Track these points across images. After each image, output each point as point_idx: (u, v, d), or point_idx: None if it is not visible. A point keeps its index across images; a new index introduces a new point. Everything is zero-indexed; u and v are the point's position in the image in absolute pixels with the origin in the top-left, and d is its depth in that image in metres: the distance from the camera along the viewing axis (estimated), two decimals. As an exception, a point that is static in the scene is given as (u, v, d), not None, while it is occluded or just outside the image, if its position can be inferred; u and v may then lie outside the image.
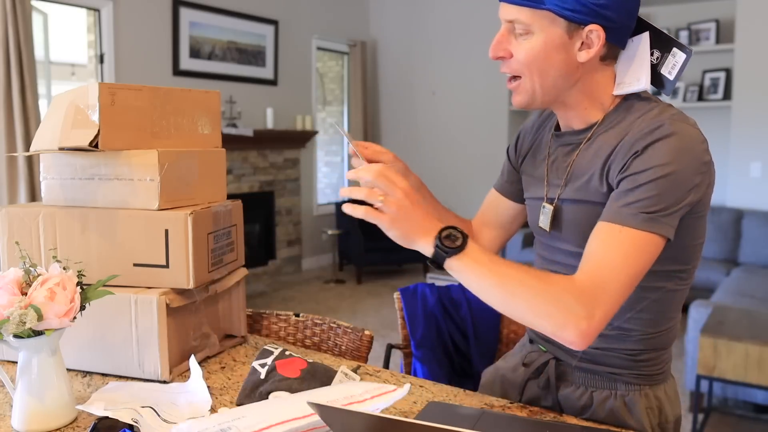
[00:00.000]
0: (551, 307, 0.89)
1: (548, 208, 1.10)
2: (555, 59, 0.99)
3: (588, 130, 1.06)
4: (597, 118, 1.05)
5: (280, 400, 1.03)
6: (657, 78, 1.04)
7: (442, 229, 0.90)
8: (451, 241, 0.89)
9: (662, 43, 1.04)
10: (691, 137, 0.94)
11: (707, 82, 5.17)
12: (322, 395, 0.98)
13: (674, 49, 1.03)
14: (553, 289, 0.90)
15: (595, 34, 0.97)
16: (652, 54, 1.04)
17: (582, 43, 0.98)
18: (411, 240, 0.91)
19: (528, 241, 5.41)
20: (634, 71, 1.03)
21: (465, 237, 0.90)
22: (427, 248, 0.90)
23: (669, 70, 1.03)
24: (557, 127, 1.14)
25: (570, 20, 0.96)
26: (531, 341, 1.24)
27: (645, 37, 1.03)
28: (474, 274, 0.91)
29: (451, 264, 0.90)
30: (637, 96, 1.04)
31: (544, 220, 1.11)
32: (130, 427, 0.91)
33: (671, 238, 0.94)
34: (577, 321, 0.89)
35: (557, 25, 0.97)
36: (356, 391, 0.96)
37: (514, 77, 1.04)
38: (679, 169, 0.92)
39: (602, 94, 1.04)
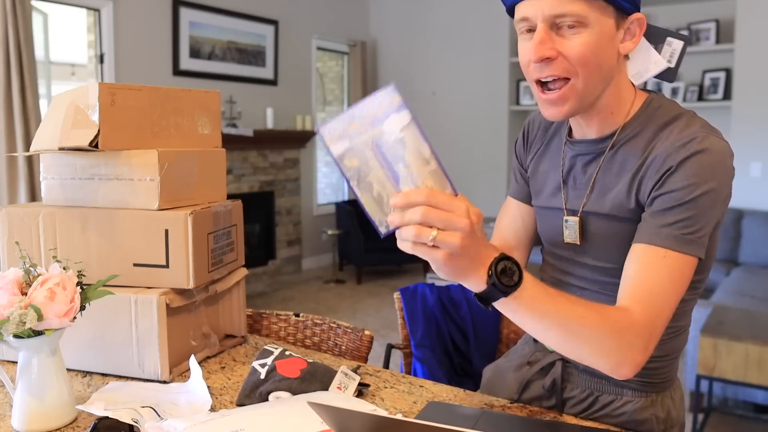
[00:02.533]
0: (613, 344, 0.85)
1: (573, 222, 1.05)
2: (606, 54, 0.92)
3: (607, 140, 1.01)
4: (617, 126, 1.00)
5: (280, 404, 1.04)
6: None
7: (497, 261, 0.76)
8: (508, 277, 0.76)
9: (654, 36, 1.03)
10: (722, 152, 0.91)
11: (707, 82, 5.17)
12: (320, 400, 0.98)
13: (668, 38, 1.03)
14: (616, 326, 0.85)
15: (637, 22, 0.94)
16: None
17: (624, 33, 0.94)
18: (463, 277, 0.77)
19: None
20: (643, 58, 1.02)
21: (520, 270, 0.78)
22: (477, 284, 0.77)
23: (668, 59, 1.03)
24: (569, 133, 1.09)
25: (619, 10, 0.91)
26: (535, 340, 1.23)
27: None
28: (532, 314, 0.82)
29: (506, 303, 0.79)
30: (657, 100, 1.01)
31: (571, 234, 1.06)
32: (131, 427, 0.91)
33: (702, 258, 0.92)
34: (635, 356, 0.86)
35: (608, 14, 0.91)
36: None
37: (558, 82, 0.93)
38: (714, 187, 0.90)
39: (626, 91, 1.01)
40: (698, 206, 0.90)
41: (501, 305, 0.80)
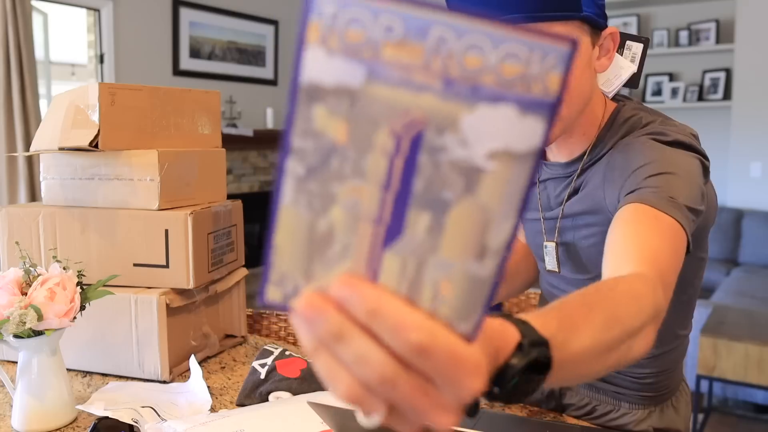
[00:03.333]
0: (647, 321, 0.62)
1: (551, 247, 1.03)
2: (584, 76, 0.88)
3: (576, 163, 0.99)
4: (585, 146, 0.97)
5: (280, 404, 1.04)
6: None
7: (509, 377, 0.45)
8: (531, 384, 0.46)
9: None
10: (678, 132, 0.88)
11: (707, 82, 5.16)
12: (320, 400, 0.98)
13: (628, 42, 1.00)
14: (646, 299, 0.63)
15: (611, 37, 0.90)
16: None
17: (599, 50, 0.90)
18: None
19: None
20: (611, 64, 0.98)
21: (548, 360, 0.46)
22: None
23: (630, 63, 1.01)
24: (543, 154, 1.07)
25: (594, 27, 0.87)
26: None
27: None
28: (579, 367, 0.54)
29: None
30: (624, 111, 0.97)
31: (551, 262, 1.03)
32: (131, 427, 0.91)
33: (690, 242, 0.77)
34: (657, 324, 0.65)
35: (585, 34, 0.85)
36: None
37: None
38: (680, 171, 0.82)
39: (598, 107, 0.97)
40: (681, 176, 0.81)
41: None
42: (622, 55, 1.01)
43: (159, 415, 0.98)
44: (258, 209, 5.60)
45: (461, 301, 0.33)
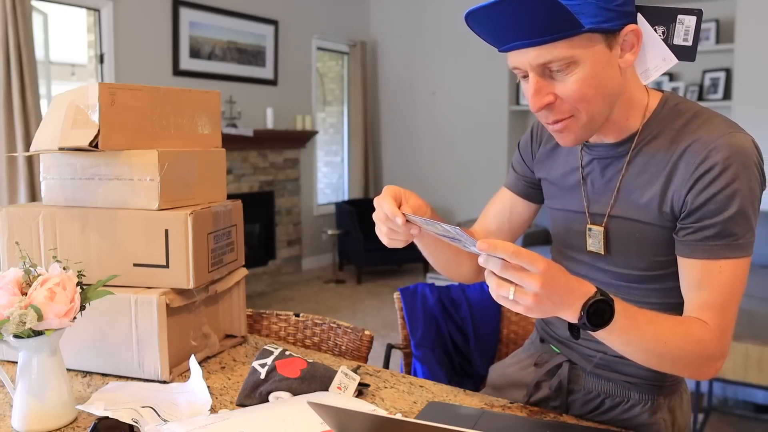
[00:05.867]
0: (695, 360, 0.92)
1: (597, 230, 1.03)
2: (606, 78, 0.90)
3: (626, 143, 0.99)
4: (633, 129, 0.99)
5: (280, 405, 1.03)
6: (674, 52, 0.99)
7: (589, 304, 0.81)
8: (599, 317, 0.82)
9: (663, 16, 0.99)
10: (748, 149, 0.91)
11: (707, 82, 5.17)
12: (320, 400, 0.98)
13: (679, 17, 0.98)
14: (697, 345, 0.91)
15: (632, 33, 0.90)
16: (655, 31, 0.99)
17: (621, 48, 0.91)
18: (552, 315, 0.82)
19: (528, 242, 5.40)
20: (652, 55, 0.99)
21: (612, 307, 0.82)
22: (570, 319, 0.83)
23: (684, 38, 0.98)
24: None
25: (607, 32, 0.88)
26: (542, 340, 1.22)
27: (640, 19, 0.98)
28: (620, 341, 0.88)
29: (596, 334, 0.85)
30: (673, 98, 0.99)
31: (595, 244, 1.04)
32: (131, 428, 0.91)
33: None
34: (715, 363, 0.93)
35: (596, 42, 0.87)
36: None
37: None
38: (750, 186, 0.91)
39: (638, 94, 0.98)
40: (739, 213, 0.90)
41: (590, 334, 0.87)
42: (674, 30, 0.99)
43: (159, 415, 0.98)
44: (258, 209, 5.60)
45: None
